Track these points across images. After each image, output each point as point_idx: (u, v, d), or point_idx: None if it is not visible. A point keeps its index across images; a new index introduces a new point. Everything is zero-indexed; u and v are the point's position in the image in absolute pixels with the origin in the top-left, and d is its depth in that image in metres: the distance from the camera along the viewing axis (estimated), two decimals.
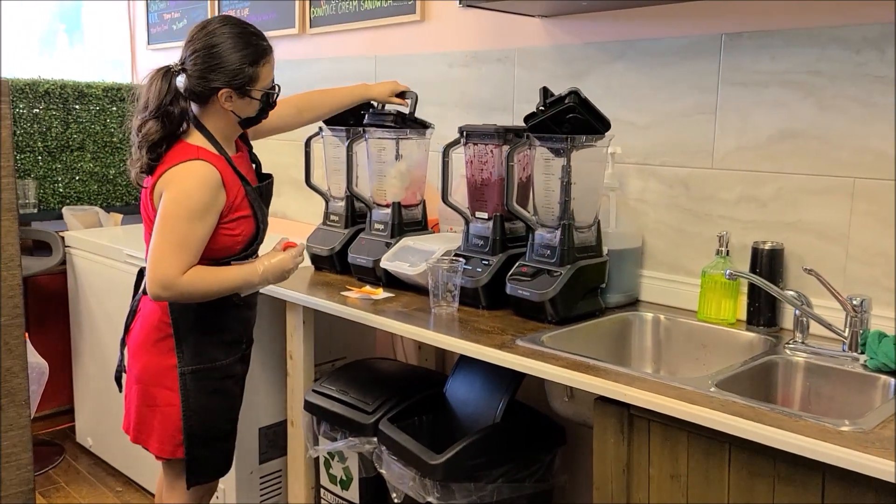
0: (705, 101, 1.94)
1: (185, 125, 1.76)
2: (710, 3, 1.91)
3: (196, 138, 1.77)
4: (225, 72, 1.71)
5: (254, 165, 1.95)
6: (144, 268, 1.88)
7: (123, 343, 1.93)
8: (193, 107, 1.78)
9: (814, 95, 1.76)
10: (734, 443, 1.30)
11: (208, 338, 1.83)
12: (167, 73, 1.74)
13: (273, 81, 1.84)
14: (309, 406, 2.16)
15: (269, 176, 1.94)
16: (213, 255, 1.76)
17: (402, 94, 2.23)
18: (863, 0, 1.66)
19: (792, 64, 1.78)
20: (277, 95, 1.88)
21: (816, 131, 1.76)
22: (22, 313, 0.81)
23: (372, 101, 2.27)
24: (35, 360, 1.55)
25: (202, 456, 1.86)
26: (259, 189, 1.86)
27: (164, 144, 1.73)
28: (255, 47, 1.76)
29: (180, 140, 1.75)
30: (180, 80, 1.74)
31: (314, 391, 2.17)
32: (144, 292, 1.84)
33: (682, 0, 1.94)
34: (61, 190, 3.37)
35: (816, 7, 1.74)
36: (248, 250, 1.83)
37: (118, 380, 1.98)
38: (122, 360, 1.96)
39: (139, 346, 1.84)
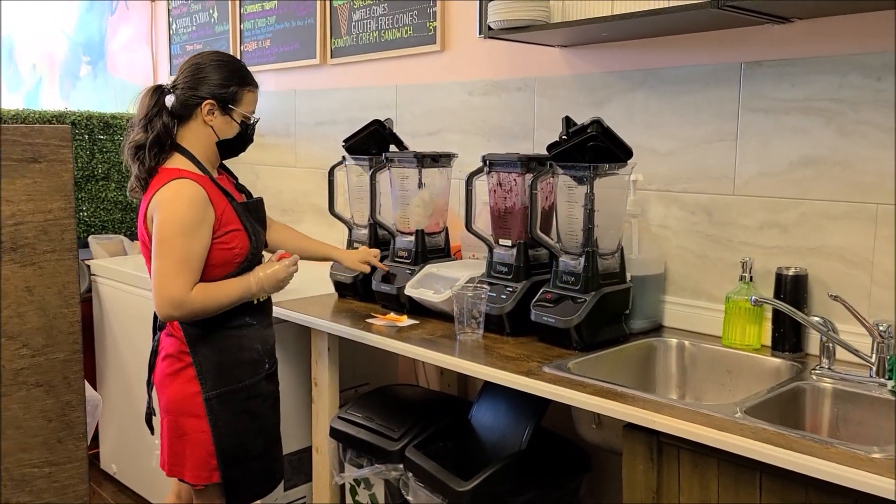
0: (726, 128, 1.96)
1: (167, 144, 1.83)
2: (729, 32, 1.94)
3: (177, 161, 1.84)
4: (211, 83, 1.85)
5: (243, 195, 1.98)
6: None
7: (150, 384, 1.96)
8: (176, 128, 1.86)
9: (835, 122, 1.78)
10: (765, 470, 1.31)
11: (228, 360, 1.86)
12: (157, 90, 1.87)
13: (252, 113, 1.93)
14: (334, 433, 2.18)
15: (258, 197, 2.00)
16: (214, 274, 1.81)
17: (374, 265, 2.24)
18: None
19: (812, 91, 1.81)
20: (254, 127, 1.96)
21: (838, 157, 1.78)
22: (80, 349, 0.84)
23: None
24: (90, 393, 1.58)
25: (239, 477, 1.88)
26: (246, 206, 1.91)
27: (146, 150, 1.80)
28: (242, 73, 1.90)
29: (162, 166, 1.83)
30: (169, 99, 1.86)
31: (339, 418, 2.19)
32: (160, 329, 1.89)
33: (700, 30, 1.97)
34: (86, 219, 3.43)
35: (837, 36, 1.77)
36: (246, 265, 1.86)
37: (149, 422, 2.00)
38: (150, 401, 1.99)
39: (162, 380, 1.88)
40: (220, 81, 1.85)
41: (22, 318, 0.85)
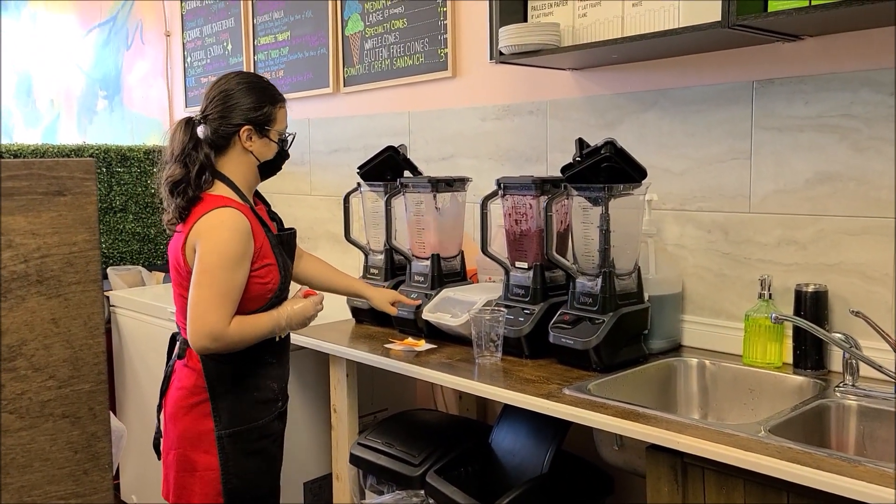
0: (740, 147, 1.96)
1: (206, 175, 1.79)
2: (739, 51, 1.95)
3: (220, 189, 1.81)
4: (244, 109, 1.80)
5: (274, 223, 1.96)
6: (176, 333, 1.91)
7: (160, 409, 1.94)
8: (214, 157, 1.82)
9: (849, 138, 1.78)
10: (792, 490, 1.29)
11: (244, 399, 1.82)
12: (189, 123, 1.83)
13: (287, 129, 1.91)
14: (355, 459, 2.17)
15: (291, 228, 1.97)
16: (246, 308, 1.78)
17: (395, 303, 2.19)
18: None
19: (825, 108, 1.81)
20: (292, 143, 1.93)
21: (853, 173, 1.78)
22: (105, 380, 0.85)
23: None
24: (115, 424, 1.59)
25: None
26: (280, 237, 1.88)
27: (184, 184, 1.77)
28: (270, 91, 1.86)
29: (205, 193, 1.79)
30: (201, 130, 1.81)
31: (359, 444, 2.18)
32: (178, 357, 1.87)
33: (710, 50, 1.98)
34: (105, 250, 3.47)
35: (847, 52, 1.77)
36: (275, 300, 1.83)
37: (157, 447, 1.98)
38: (159, 426, 1.97)
39: (175, 412, 1.84)
40: (252, 105, 1.80)
41: (48, 350, 0.86)
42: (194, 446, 1.81)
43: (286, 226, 1.99)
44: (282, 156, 1.90)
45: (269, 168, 1.89)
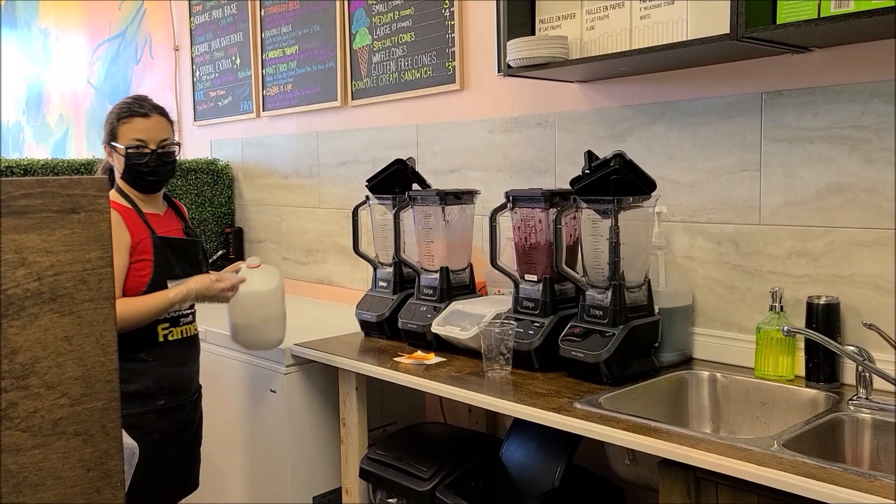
0: (749, 159, 1.96)
1: (108, 180, 2.08)
2: (748, 63, 1.95)
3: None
4: (104, 130, 2.09)
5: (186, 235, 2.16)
6: None
7: None
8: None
9: (860, 149, 1.77)
10: None
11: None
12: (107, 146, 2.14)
13: (136, 141, 2.03)
14: (364, 473, 2.17)
15: (193, 239, 2.15)
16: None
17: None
18: None
19: (835, 119, 1.80)
20: (145, 157, 2.04)
21: (865, 184, 1.77)
22: (118, 397, 0.85)
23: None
24: (127, 441, 1.61)
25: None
26: (167, 241, 2.05)
27: None
28: (119, 109, 2.07)
29: None
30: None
31: (369, 458, 2.17)
32: None
33: (719, 62, 1.98)
34: None
35: (856, 63, 1.77)
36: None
37: None
38: None
39: None
40: (106, 125, 2.07)
41: (61, 368, 0.86)
42: None
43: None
44: (132, 167, 2.05)
45: (137, 178, 2.06)
